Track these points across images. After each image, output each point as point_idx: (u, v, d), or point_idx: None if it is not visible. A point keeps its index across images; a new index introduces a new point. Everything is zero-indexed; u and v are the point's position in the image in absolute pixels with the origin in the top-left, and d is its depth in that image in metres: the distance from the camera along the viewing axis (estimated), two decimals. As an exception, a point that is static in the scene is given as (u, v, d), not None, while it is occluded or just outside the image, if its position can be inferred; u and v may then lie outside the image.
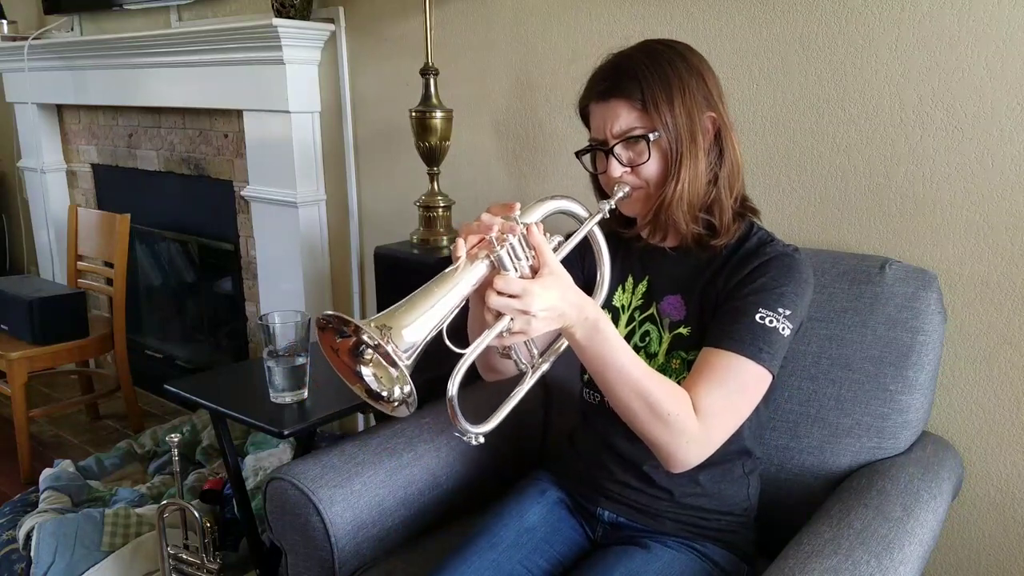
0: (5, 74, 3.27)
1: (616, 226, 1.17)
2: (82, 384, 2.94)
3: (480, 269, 0.90)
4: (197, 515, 1.63)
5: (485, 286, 0.89)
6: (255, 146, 2.42)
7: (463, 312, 0.93)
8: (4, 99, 3.34)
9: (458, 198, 1.97)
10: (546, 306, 0.89)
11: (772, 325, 1.02)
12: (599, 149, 1.11)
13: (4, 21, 3.18)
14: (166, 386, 1.63)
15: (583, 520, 1.22)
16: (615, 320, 1.19)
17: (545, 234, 0.93)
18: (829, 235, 1.49)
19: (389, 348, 0.80)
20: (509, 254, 0.90)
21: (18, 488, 2.35)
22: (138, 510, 2.03)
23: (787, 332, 1.03)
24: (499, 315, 0.88)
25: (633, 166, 1.08)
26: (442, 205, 1.92)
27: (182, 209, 2.90)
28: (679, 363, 1.12)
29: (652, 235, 1.16)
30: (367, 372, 0.88)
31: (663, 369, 1.12)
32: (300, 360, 1.50)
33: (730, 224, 1.11)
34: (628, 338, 1.17)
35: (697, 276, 1.13)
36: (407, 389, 0.84)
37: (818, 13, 1.43)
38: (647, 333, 1.16)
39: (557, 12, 1.78)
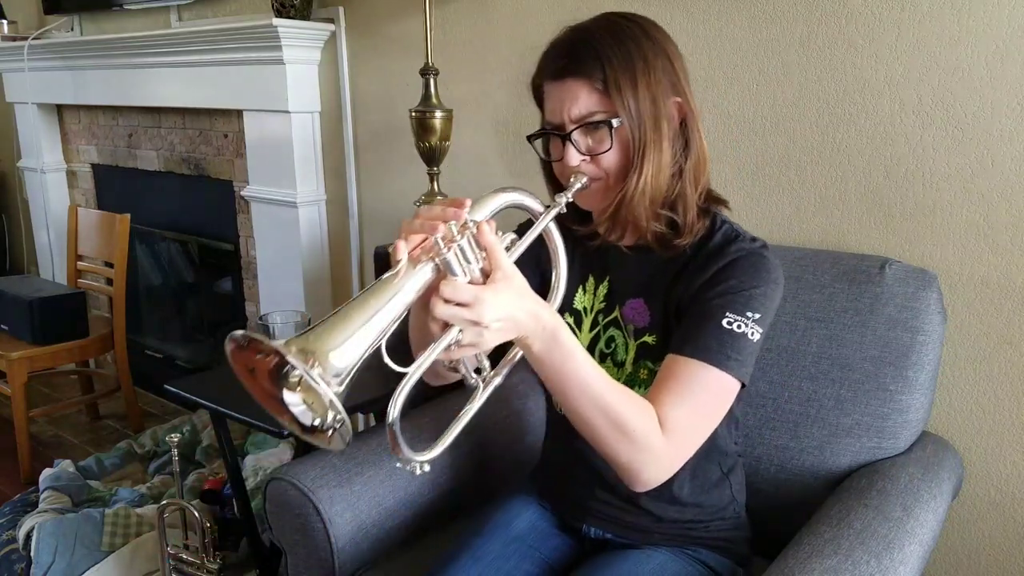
0: (5, 74, 3.27)
1: (570, 222, 1.06)
2: (82, 384, 2.94)
3: (424, 274, 0.79)
4: (197, 515, 1.63)
5: (429, 292, 0.79)
6: (255, 146, 2.42)
7: (403, 320, 0.81)
8: (4, 99, 3.34)
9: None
10: (500, 315, 0.79)
11: (740, 330, 0.94)
12: (555, 134, 1.01)
13: (4, 21, 3.18)
14: (166, 386, 1.63)
15: (570, 535, 1.18)
16: (578, 324, 1.12)
17: (497, 232, 0.84)
18: (829, 235, 1.49)
19: (314, 374, 0.68)
20: (457, 257, 0.79)
21: (18, 488, 2.35)
22: (138, 510, 2.03)
23: (756, 337, 0.95)
24: (446, 326, 0.78)
25: (592, 155, 0.98)
26: (442, 205, 1.92)
27: (182, 209, 2.90)
28: (647, 373, 1.05)
29: (610, 232, 1.05)
30: (295, 399, 0.75)
31: (631, 379, 1.06)
32: (300, 360, 1.50)
33: (694, 222, 1.01)
34: (593, 343, 1.10)
35: (659, 278, 1.05)
36: (339, 417, 0.72)
37: (818, 13, 1.43)
38: (612, 339, 1.09)
39: (557, 12, 1.78)
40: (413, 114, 1.85)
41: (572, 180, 0.99)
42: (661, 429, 0.91)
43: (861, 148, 1.43)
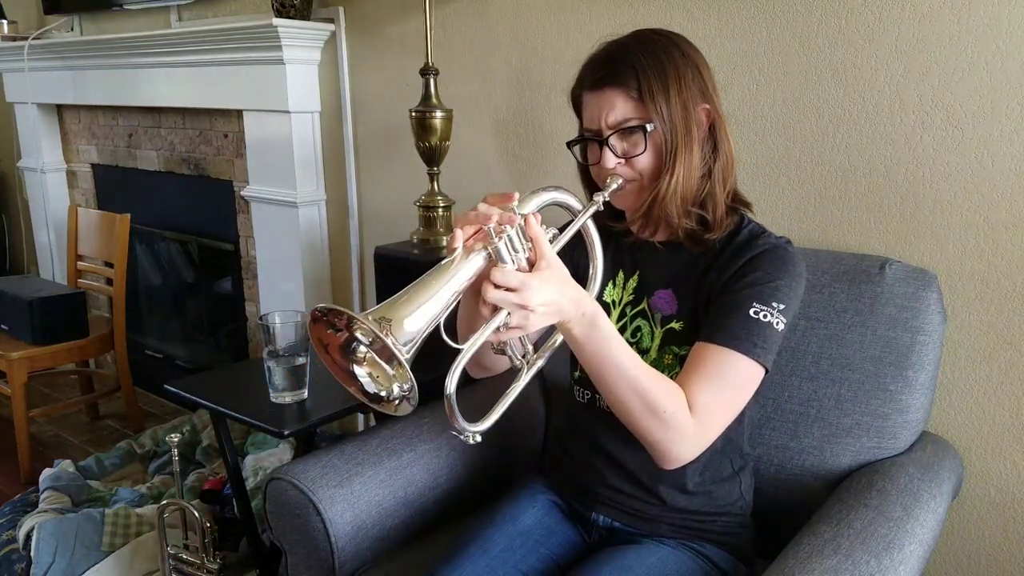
0: (5, 74, 3.27)
1: (606, 220, 1.14)
2: (82, 384, 2.94)
3: (477, 261, 0.88)
4: (197, 515, 1.63)
5: (481, 279, 0.87)
6: (255, 146, 2.42)
7: (454, 309, 0.90)
8: (4, 99, 3.34)
9: (458, 198, 1.97)
10: (544, 300, 0.87)
11: (766, 320, 1.01)
12: (593, 140, 1.09)
13: (4, 21, 3.18)
14: (166, 386, 1.63)
15: (578, 525, 1.20)
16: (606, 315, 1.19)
17: (542, 225, 0.91)
18: (829, 235, 1.49)
19: (388, 340, 0.77)
20: (507, 246, 0.87)
21: (18, 488, 2.35)
22: (138, 510, 2.03)
23: (781, 327, 1.02)
24: (496, 309, 0.86)
25: (627, 158, 1.06)
26: (442, 205, 1.92)
27: (182, 209, 2.90)
28: (671, 358, 1.11)
29: (643, 230, 1.14)
30: (362, 372, 0.85)
31: (655, 364, 1.11)
32: (300, 360, 1.50)
33: (723, 219, 1.09)
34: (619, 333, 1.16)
35: (689, 271, 1.11)
36: (407, 385, 0.81)
37: (818, 13, 1.43)
38: (639, 329, 1.14)
39: (557, 12, 1.78)
40: (413, 114, 1.85)
41: (608, 181, 1.07)
42: (690, 411, 0.97)
43: (861, 148, 1.43)
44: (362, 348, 0.84)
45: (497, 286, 0.85)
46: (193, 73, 2.51)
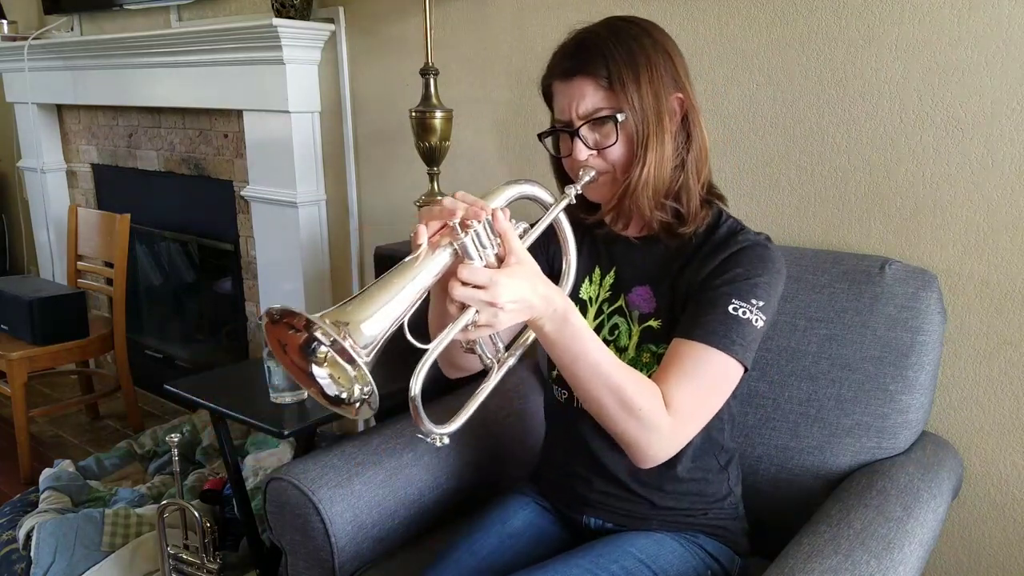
0: (5, 74, 3.27)
1: (579, 212, 1.11)
2: (82, 384, 2.94)
3: (443, 258, 0.84)
4: (197, 515, 1.63)
5: (448, 276, 0.83)
6: (255, 146, 2.42)
7: (423, 307, 0.86)
8: (4, 99, 3.34)
9: (458, 198, 1.97)
10: (514, 297, 0.84)
11: (745, 317, 0.98)
12: (564, 131, 1.06)
13: (4, 21, 3.18)
14: (166, 386, 1.63)
15: (569, 527, 1.20)
16: (583, 313, 1.14)
17: (511, 220, 0.88)
18: (829, 235, 1.49)
19: (346, 344, 0.74)
20: (474, 241, 0.84)
21: (18, 488, 2.35)
22: (138, 510, 2.03)
23: (760, 324, 1.00)
24: (464, 307, 0.83)
25: (599, 149, 1.03)
26: (442, 205, 1.92)
27: (182, 209, 2.90)
28: (649, 356, 1.08)
29: (615, 222, 1.11)
30: (322, 373, 0.81)
31: (633, 363, 1.09)
32: (300, 360, 1.50)
33: (697, 211, 1.06)
34: (596, 331, 1.12)
35: (666, 266, 1.09)
36: (367, 388, 0.77)
37: (818, 13, 1.43)
38: (616, 326, 1.12)
39: (557, 11, 1.78)
40: (413, 114, 1.85)
41: (581, 174, 1.04)
42: (667, 409, 0.95)
43: (861, 148, 1.43)
44: (322, 348, 0.80)
45: (464, 283, 0.82)
46: (193, 73, 2.51)
